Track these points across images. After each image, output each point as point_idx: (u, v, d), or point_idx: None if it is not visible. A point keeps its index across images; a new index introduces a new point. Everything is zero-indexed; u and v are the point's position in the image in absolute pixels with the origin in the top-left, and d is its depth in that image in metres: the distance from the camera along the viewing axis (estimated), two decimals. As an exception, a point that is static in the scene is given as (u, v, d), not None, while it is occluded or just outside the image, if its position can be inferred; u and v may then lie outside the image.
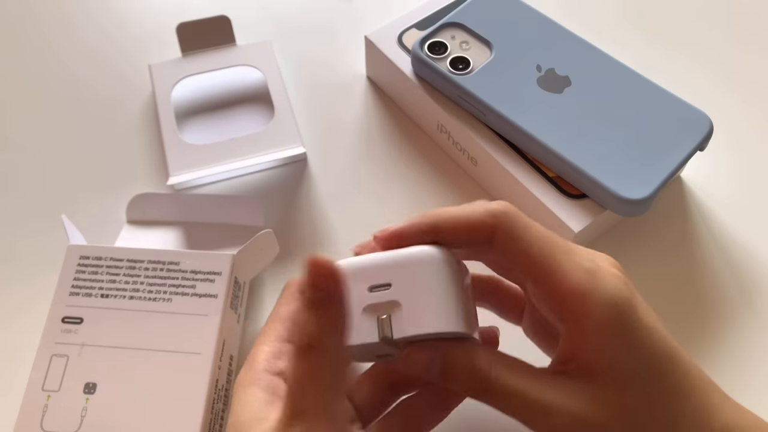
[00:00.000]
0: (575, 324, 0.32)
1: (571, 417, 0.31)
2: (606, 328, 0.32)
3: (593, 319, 0.32)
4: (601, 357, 0.32)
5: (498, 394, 0.32)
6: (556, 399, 0.31)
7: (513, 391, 0.32)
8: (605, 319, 0.32)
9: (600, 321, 0.32)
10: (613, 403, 0.32)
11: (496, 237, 0.34)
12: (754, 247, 0.50)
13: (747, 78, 0.59)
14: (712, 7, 0.64)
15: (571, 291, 0.32)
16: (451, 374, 0.33)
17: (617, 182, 0.45)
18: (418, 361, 0.33)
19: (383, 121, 0.57)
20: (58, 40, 0.62)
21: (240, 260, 0.44)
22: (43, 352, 0.41)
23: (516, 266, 0.34)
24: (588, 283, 0.32)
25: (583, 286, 0.32)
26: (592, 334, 0.32)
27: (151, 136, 0.56)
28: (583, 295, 0.32)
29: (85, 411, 0.39)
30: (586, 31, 0.54)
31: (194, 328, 0.41)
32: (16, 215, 0.52)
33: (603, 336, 0.32)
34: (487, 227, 0.34)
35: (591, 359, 0.32)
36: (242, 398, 0.34)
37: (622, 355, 0.32)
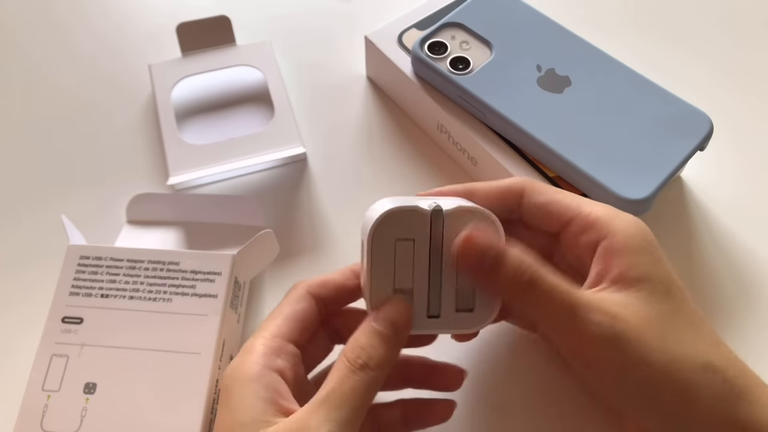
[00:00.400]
0: (606, 242, 0.36)
1: (611, 315, 0.33)
2: (636, 242, 0.35)
3: (622, 235, 0.35)
4: (631, 269, 0.35)
5: (543, 288, 0.34)
6: (597, 302, 0.34)
7: (557, 287, 0.34)
8: (634, 235, 0.36)
9: (630, 236, 0.35)
10: (643, 310, 0.34)
11: (524, 195, 0.38)
12: (754, 247, 0.50)
13: (748, 78, 0.59)
14: (714, 6, 0.64)
15: (600, 216, 0.36)
16: (501, 265, 0.34)
17: (617, 182, 0.45)
18: (476, 247, 0.35)
19: (383, 121, 0.57)
20: (58, 40, 0.62)
21: (240, 260, 0.44)
22: (43, 352, 0.41)
23: (544, 217, 0.38)
24: (612, 211, 0.37)
25: (609, 213, 0.37)
26: (622, 248, 0.35)
27: (151, 136, 0.56)
28: (611, 219, 0.36)
29: (85, 411, 0.39)
30: (587, 29, 0.54)
31: (194, 328, 0.41)
32: (16, 215, 0.52)
33: (634, 249, 0.35)
34: (517, 187, 0.39)
35: (622, 272, 0.35)
36: (240, 392, 0.34)
37: (651, 268, 0.35)
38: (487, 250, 0.34)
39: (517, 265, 0.34)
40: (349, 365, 0.33)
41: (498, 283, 0.35)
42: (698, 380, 0.33)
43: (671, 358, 0.33)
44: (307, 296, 0.39)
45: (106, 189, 0.53)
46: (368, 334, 0.34)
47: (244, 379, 0.34)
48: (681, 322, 0.35)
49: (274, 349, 0.36)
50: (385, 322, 0.34)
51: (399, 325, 0.34)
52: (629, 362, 0.33)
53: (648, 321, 0.34)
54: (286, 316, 0.37)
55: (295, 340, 0.37)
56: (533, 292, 0.34)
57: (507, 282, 0.34)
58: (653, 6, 0.64)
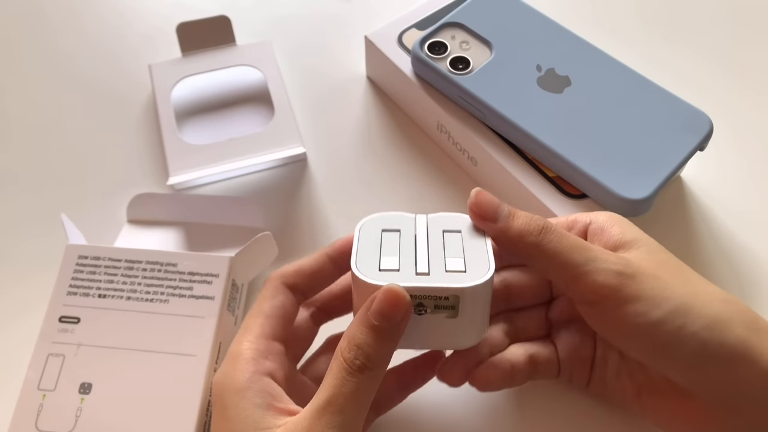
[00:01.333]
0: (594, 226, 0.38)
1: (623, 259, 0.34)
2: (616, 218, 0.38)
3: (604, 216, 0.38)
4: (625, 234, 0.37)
5: (556, 233, 0.35)
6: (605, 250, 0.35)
7: (569, 234, 0.35)
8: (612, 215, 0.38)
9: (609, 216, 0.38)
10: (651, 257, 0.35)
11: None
12: (754, 247, 0.50)
13: (749, 78, 0.59)
14: (715, 5, 0.63)
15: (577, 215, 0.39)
16: (515, 217, 0.35)
17: (617, 182, 0.45)
18: (490, 202, 0.36)
19: (383, 121, 0.57)
20: (58, 41, 0.62)
21: (238, 262, 0.44)
22: (40, 352, 0.41)
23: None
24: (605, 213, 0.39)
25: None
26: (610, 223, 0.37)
27: (151, 136, 0.56)
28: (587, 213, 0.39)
29: (80, 411, 0.39)
30: (587, 29, 0.53)
31: (190, 330, 0.41)
32: (15, 214, 0.52)
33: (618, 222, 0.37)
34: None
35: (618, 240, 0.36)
36: (235, 403, 0.33)
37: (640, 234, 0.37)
38: (501, 204, 0.36)
39: (528, 216, 0.36)
40: (347, 367, 0.32)
41: (512, 231, 0.35)
42: (726, 308, 0.34)
43: (693, 290, 0.34)
44: (282, 288, 0.38)
45: (106, 188, 0.53)
46: (363, 329, 0.33)
47: (236, 388, 0.34)
48: (687, 270, 0.36)
49: (262, 352, 0.35)
50: (380, 316, 0.32)
51: (394, 316, 0.32)
52: (654, 295, 0.33)
53: (660, 264, 0.35)
54: (266, 314, 0.37)
55: (278, 336, 0.37)
56: (548, 237, 0.35)
57: (521, 229, 0.35)
58: (653, 6, 0.63)
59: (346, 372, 0.32)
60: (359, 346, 0.32)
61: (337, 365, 0.33)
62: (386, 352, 0.33)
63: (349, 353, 0.32)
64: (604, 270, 0.34)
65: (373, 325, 0.33)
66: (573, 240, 0.35)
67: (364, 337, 0.33)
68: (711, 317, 0.33)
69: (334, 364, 0.33)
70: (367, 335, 0.33)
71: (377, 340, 0.33)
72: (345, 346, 0.33)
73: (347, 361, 0.32)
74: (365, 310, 0.33)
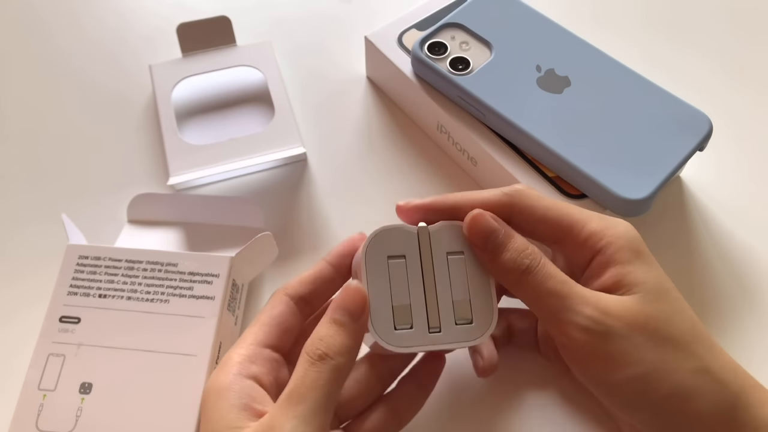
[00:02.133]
0: (599, 257, 0.36)
1: (602, 309, 0.34)
2: (626, 254, 0.36)
3: (614, 248, 0.36)
4: (625, 277, 0.35)
5: (538, 276, 0.35)
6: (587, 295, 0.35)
7: (552, 277, 0.35)
8: (623, 247, 0.36)
9: (619, 248, 0.36)
10: (638, 308, 0.34)
11: (513, 212, 0.38)
12: (754, 247, 0.50)
13: (748, 78, 0.59)
14: (715, 5, 0.63)
15: (592, 232, 0.36)
16: (505, 248, 0.36)
17: (617, 182, 0.45)
18: (485, 225, 0.36)
19: (383, 121, 0.57)
20: (59, 41, 0.62)
21: (238, 262, 0.44)
22: (40, 351, 0.41)
23: (536, 233, 0.38)
24: (603, 223, 0.37)
25: (601, 225, 0.37)
26: (615, 261, 0.36)
27: (151, 136, 0.56)
28: (603, 231, 0.36)
29: (80, 411, 0.39)
30: (587, 29, 0.54)
31: (191, 330, 0.41)
32: (16, 214, 0.52)
33: (624, 261, 0.35)
34: (505, 205, 0.38)
35: (617, 282, 0.35)
36: (214, 404, 0.34)
37: (643, 275, 0.35)
38: (495, 231, 0.36)
39: (519, 251, 0.35)
40: (308, 358, 0.33)
41: (497, 264, 0.35)
42: (692, 381, 0.33)
43: (663, 358, 0.33)
44: (283, 299, 0.39)
45: (107, 188, 0.53)
46: (326, 325, 0.34)
47: (217, 389, 0.34)
48: (675, 325, 0.35)
49: (249, 357, 0.36)
50: (340, 310, 0.34)
51: (354, 310, 0.34)
52: (619, 358, 0.33)
53: (640, 320, 0.34)
54: (262, 322, 0.38)
55: (273, 344, 0.37)
56: (529, 278, 0.35)
57: (506, 265, 0.35)
58: (653, 6, 0.63)
59: (308, 363, 0.33)
60: (321, 338, 0.34)
61: (301, 358, 0.34)
62: (347, 343, 0.34)
63: (311, 346, 0.34)
64: (576, 324, 0.34)
65: (334, 319, 0.34)
66: (553, 284, 0.35)
67: (326, 331, 0.34)
68: (672, 389, 0.33)
69: (300, 357, 0.34)
70: (328, 328, 0.34)
71: (338, 332, 0.34)
72: (308, 342, 0.34)
73: (309, 353, 0.33)
74: (329, 310, 0.35)
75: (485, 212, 0.36)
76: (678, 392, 0.33)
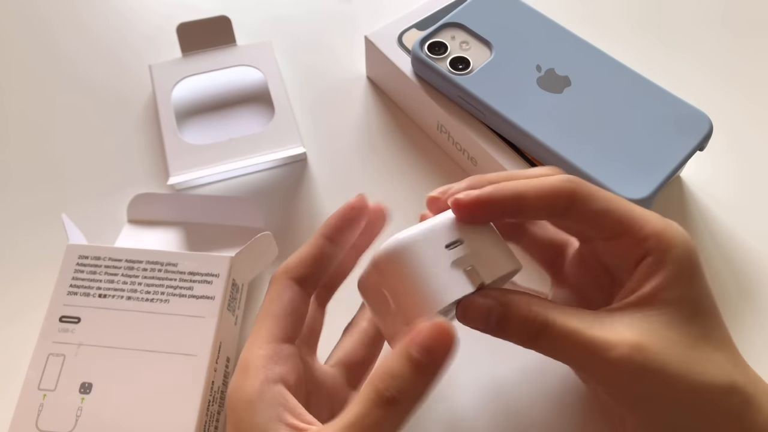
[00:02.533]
0: (653, 259, 0.34)
1: (631, 346, 0.32)
2: (681, 262, 0.34)
3: (665, 257, 0.34)
4: (663, 291, 0.34)
5: (556, 336, 0.33)
6: (614, 333, 0.33)
7: (570, 331, 0.33)
8: (682, 254, 0.34)
9: (678, 257, 0.34)
10: (668, 333, 0.33)
11: (575, 201, 0.35)
12: (754, 247, 0.50)
13: (747, 78, 0.59)
14: (713, 8, 0.63)
15: (652, 232, 0.34)
16: (508, 321, 0.33)
17: (617, 182, 0.45)
18: (477, 312, 0.33)
19: (383, 121, 0.57)
20: (59, 41, 0.62)
21: (238, 262, 0.44)
22: (40, 351, 0.41)
23: (595, 225, 0.36)
24: (667, 225, 0.35)
25: (663, 227, 0.35)
26: (662, 270, 0.34)
27: (151, 136, 0.56)
28: (663, 233, 0.34)
29: (80, 411, 0.39)
30: (587, 29, 0.53)
31: (191, 330, 0.41)
32: (16, 213, 0.52)
33: (677, 269, 0.34)
34: (569, 192, 0.35)
35: (654, 293, 0.34)
36: (247, 418, 0.32)
37: (683, 291, 0.34)
38: (489, 314, 0.33)
39: (524, 318, 0.33)
40: (376, 398, 0.30)
41: (509, 338, 0.34)
42: (719, 405, 0.33)
43: (693, 385, 0.33)
44: (289, 284, 0.36)
45: (107, 188, 0.53)
46: (401, 361, 0.30)
47: (247, 399, 0.32)
48: (706, 344, 0.34)
49: (271, 358, 0.34)
50: (422, 350, 0.30)
51: (438, 355, 0.30)
52: (653, 390, 0.33)
53: (671, 346, 0.33)
54: (274, 314, 0.35)
55: (289, 337, 0.35)
56: (547, 339, 0.33)
57: (517, 336, 0.33)
58: (653, 7, 0.63)
59: (374, 403, 0.30)
60: (393, 377, 0.30)
61: (366, 392, 0.30)
62: (422, 389, 0.30)
63: (381, 383, 0.30)
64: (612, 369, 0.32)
65: (413, 358, 0.30)
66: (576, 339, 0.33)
67: (401, 369, 0.30)
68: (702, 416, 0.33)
69: (364, 390, 0.31)
70: (404, 367, 0.30)
71: (414, 374, 0.30)
72: (379, 375, 0.30)
73: (377, 391, 0.30)
74: (408, 342, 0.30)
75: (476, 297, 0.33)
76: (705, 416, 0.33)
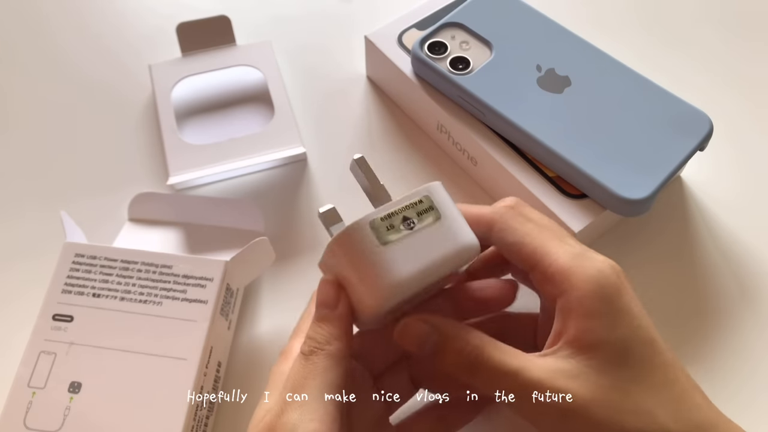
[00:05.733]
0: (562, 300, 0.34)
1: (559, 391, 0.32)
2: (590, 303, 0.33)
3: (577, 294, 0.33)
4: (584, 334, 0.33)
5: (488, 374, 0.33)
6: (544, 378, 0.32)
7: (503, 371, 0.32)
8: (589, 295, 0.33)
9: (584, 296, 0.33)
10: (594, 382, 0.32)
11: (493, 230, 0.36)
12: (755, 247, 0.49)
13: (748, 77, 0.58)
14: (713, 9, 0.63)
15: (558, 270, 0.34)
16: (444, 349, 0.34)
17: (617, 182, 0.45)
18: (413, 337, 0.34)
19: (383, 121, 0.56)
20: (59, 40, 0.62)
21: (233, 267, 0.44)
22: (32, 349, 0.41)
23: (513, 258, 0.36)
24: (574, 262, 0.34)
25: (569, 264, 0.34)
26: (577, 309, 0.33)
27: (151, 136, 0.56)
28: (568, 272, 0.33)
29: (68, 410, 0.39)
30: (587, 29, 0.53)
31: (182, 334, 0.41)
32: (16, 212, 0.52)
33: (587, 312, 0.33)
34: (487, 220, 0.36)
35: (576, 336, 0.33)
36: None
37: (606, 333, 0.33)
38: (425, 340, 0.34)
39: (458, 349, 0.33)
40: (301, 356, 0.34)
41: (442, 366, 0.34)
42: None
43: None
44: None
45: (106, 188, 0.53)
46: (312, 326, 0.34)
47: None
48: (639, 389, 0.32)
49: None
50: (318, 308, 0.35)
51: (329, 301, 0.34)
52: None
53: (598, 393, 0.32)
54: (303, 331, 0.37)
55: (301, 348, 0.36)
56: (479, 374, 0.33)
57: (451, 366, 0.34)
58: (653, 7, 0.63)
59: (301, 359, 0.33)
60: (309, 337, 0.34)
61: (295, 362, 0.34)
62: (333, 332, 0.34)
63: (302, 347, 0.34)
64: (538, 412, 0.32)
65: (315, 318, 0.35)
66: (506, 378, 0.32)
67: (312, 330, 0.34)
68: None
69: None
70: (314, 328, 0.34)
71: (322, 326, 0.34)
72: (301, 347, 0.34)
73: (302, 352, 0.34)
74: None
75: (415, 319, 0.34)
76: None
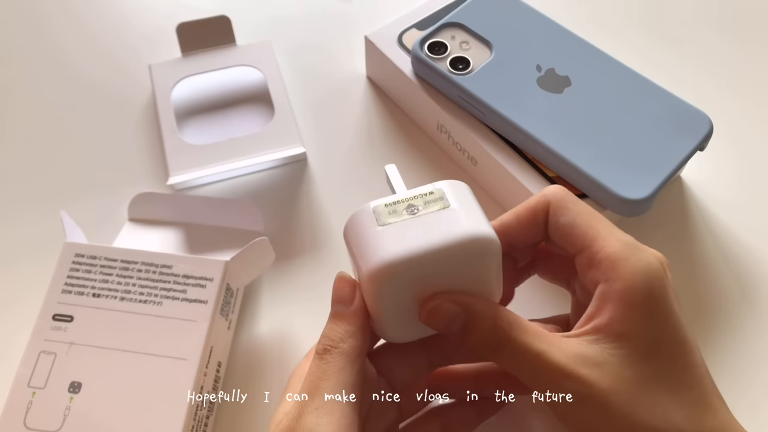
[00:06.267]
0: (604, 286, 0.33)
1: (580, 380, 0.32)
2: (633, 295, 0.33)
3: (622, 284, 0.33)
4: (618, 323, 0.33)
5: (514, 353, 0.33)
6: (565, 363, 0.32)
7: (529, 351, 0.32)
8: (634, 287, 0.33)
9: (629, 287, 0.33)
10: (617, 372, 0.32)
11: (549, 213, 0.36)
12: (755, 247, 0.49)
13: (748, 77, 0.58)
14: (714, 6, 0.63)
15: (607, 256, 0.33)
16: (472, 329, 0.33)
17: (617, 182, 0.45)
18: (441, 317, 0.33)
19: (383, 121, 0.56)
20: (59, 40, 0.62)
21: (233, 267, 0.43)
22: (32, 349, 0.41)
23: (564, 239, 0.36)
24: (624, 252, 0.33)
25: (619, 253, 0.33)
26: (618, 298, 0.33)
27: (151, 136, 0.56)
28: (618, 260, 0.33)
29: (68, 410, 0.39)
30: (587, 29, 0.53)
31: (182, 334, 0.41)
32: (17, 212, 0.52)
33: (628, 302, 0.33)
34: (544, 205, 0.36)
35: (610, 323, 0.33)
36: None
37: (640, 326, 0.33)
38: (453, 320, 0.33)
39: (487, 330, 0.33)
40: (316, 355, 0.34)
41: (468, 346, 0.34)
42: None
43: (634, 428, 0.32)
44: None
45: (106, 188, 0.53)
46: (327, 324, 0.35)
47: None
48: (660, 387, 0.32)
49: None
50: (333, 305, 0.35)
51: (344, 298, 0.35)
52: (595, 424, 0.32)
53: (618, 384, 0.32)
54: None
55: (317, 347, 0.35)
56: (503, 354, 0.33)
57: (477, 344, 0.33)
58: (653, 7, 0.63)
59: (316, 359, 0.33)
60: (324, 336, 0.34)
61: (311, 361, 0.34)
62: (348, 329, 0.34)
63: (317, 346, 0.34)
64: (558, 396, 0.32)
65: (331, 315, 0.35)
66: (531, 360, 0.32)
67: (327, 329, 0.34)
68: None
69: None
70: (329, 326, 0.34)
71: (337, 323, 0.34)
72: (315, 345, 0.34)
73: (317, 351, 0.34)
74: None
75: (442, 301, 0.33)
76: None
